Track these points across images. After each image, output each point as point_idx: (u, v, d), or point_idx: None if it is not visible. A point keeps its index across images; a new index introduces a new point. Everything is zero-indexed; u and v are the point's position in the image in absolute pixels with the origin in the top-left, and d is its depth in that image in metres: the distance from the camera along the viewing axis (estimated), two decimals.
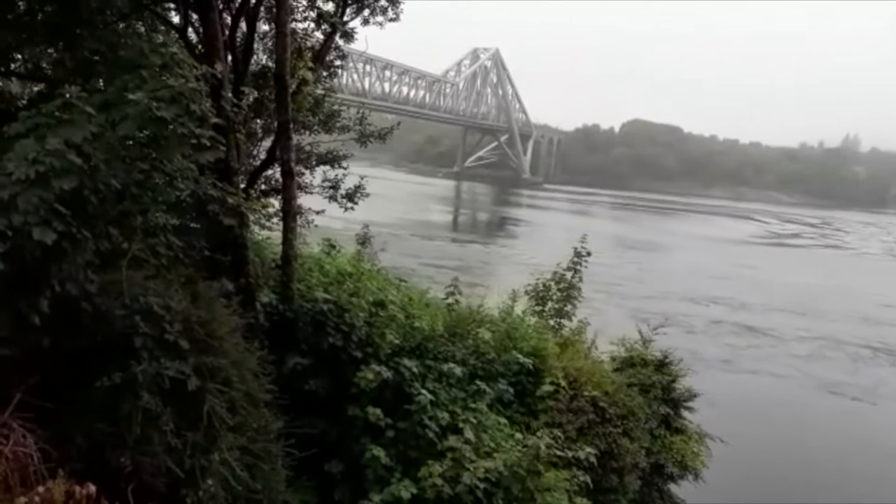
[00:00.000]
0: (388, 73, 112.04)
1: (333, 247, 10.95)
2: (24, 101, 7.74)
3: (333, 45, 11.24)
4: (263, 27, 10.76)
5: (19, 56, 8.11)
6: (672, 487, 11.90)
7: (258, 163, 10.77)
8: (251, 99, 9.35)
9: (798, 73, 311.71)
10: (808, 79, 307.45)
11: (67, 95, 4.88)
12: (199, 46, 8.38)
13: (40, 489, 3.97)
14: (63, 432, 4.75)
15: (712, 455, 12.10)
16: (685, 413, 12.32)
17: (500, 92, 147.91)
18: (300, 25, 10.80)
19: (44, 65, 8.07)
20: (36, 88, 8.33)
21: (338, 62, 12.59)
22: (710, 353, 30.25)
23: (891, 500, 18.11)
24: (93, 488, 4.08)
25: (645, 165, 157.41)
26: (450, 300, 11.02)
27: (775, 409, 24.56)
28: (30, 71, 8.20)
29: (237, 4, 9.21)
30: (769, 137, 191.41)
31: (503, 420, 8.59)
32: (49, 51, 7.95)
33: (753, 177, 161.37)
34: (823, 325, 38.34)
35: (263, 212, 10.46)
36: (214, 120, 5.62)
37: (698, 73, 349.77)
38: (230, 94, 7.79)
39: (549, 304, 14.17)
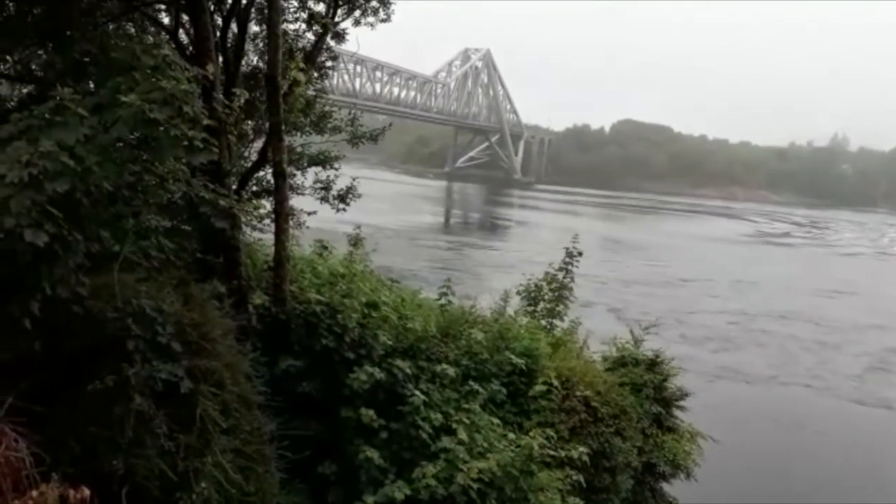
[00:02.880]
0: (378, 73, 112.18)
1: (326, 248, 10.93)
2: (14, 104, 7.70)
3: (325, 46, 11.23)
4: (254, 28, 10.73)
5: (9, 58, 8.06)
6: (664, 486, 11.95)
7: (250, 164, 10.73)
8: (242, 100, 9.33)
9: (788, 74, 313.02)
10: (796, 78, 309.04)
11: (59, 97, 4.85)
12: (190, 48, 8.37)
13: (34, 493, 3.95)
14: (55, 436, 4.72)
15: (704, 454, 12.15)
16: (677, 412, 12.37)
17: (491, 92, 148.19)
18: (291, 26, 10.79)
19: (34, 67, 8.02)
20: (25, 90, 8.29)
21: (329, 63, 12.58)
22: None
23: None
24: (87, 492, 4.07)
25: (635, 165, 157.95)
26: (442, 301, 11.02)
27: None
28: (19, 73, 8.16)
29: (228, 6, 9.18)
30: (758, 137, 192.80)
31: (496, 420, 8.58)
32: (39, 52, 7.91)
33: (743, 176, 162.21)
34: None
35: (255, 213, 10.44)
36: (206, 121, 5.60)
37: (688, 74, 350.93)
38: (221, 96, 7.78)
39: (541, 304, 14.22)
